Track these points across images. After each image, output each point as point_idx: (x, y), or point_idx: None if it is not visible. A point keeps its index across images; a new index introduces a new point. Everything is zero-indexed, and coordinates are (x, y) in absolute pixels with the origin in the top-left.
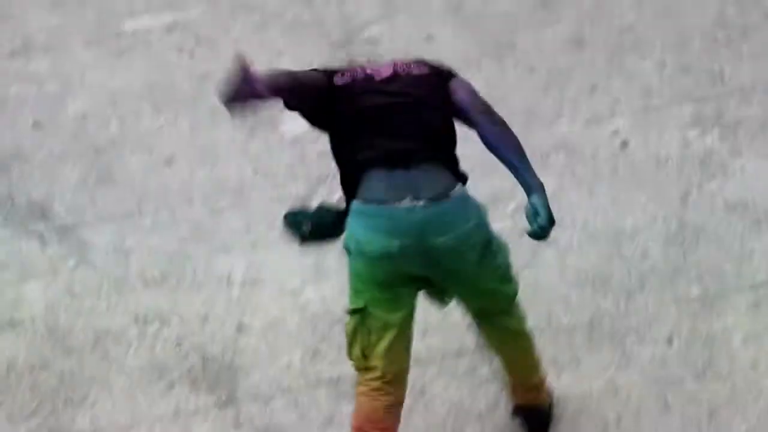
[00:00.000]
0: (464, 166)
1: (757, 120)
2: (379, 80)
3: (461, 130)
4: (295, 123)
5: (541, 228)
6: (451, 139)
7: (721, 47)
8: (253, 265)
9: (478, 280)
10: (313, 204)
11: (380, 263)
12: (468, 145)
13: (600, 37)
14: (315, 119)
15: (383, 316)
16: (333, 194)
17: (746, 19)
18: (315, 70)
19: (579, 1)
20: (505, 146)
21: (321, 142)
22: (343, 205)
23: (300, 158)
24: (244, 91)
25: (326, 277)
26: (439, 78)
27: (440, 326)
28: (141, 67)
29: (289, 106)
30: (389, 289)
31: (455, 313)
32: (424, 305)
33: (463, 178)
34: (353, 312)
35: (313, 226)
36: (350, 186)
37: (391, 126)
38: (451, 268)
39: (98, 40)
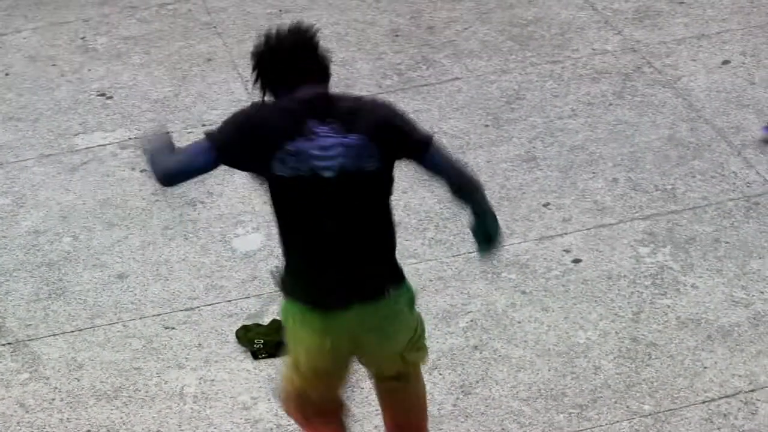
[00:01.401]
0: (418, 281)
1: (708, 237)
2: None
3: None
4: (247, 239)
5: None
6: (392, 237)
7: (673, 165)
8: (205, 381)
9: (399, 354)
10: (266, 320)
11: (313, 348)
12: (421, 265)
13: (551, 155)
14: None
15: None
16: None
17: (698, 138)
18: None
19: (530, 121)
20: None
21: (273, 259)
22: None
23: (252, 275)
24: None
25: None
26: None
27: None
28: (93, 183)
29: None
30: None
31: None
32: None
33: (398, 275)
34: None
35: (266, 342)
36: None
37: (335, 248)
38: (377, 352)
39: (51, 156)
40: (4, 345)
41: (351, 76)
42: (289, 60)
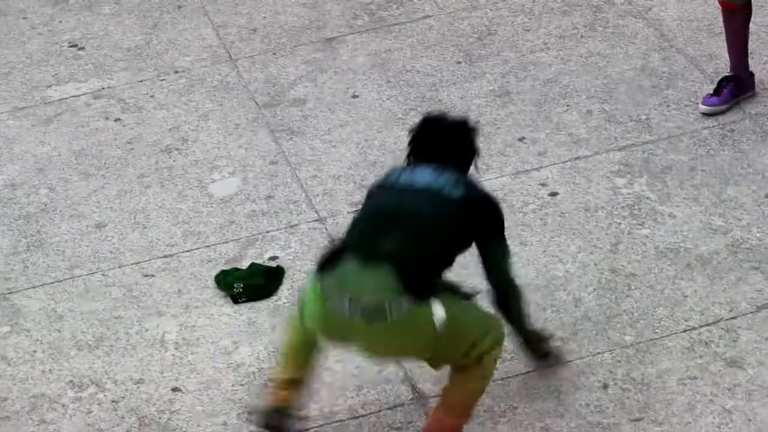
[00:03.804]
0: None
1: (684, 166)
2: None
3: None
4: (223, 184)
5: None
6: (442, 263)
7: (646, 95)
8: (186, 327)
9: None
10: (244, 264)
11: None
12: None
13: (525, 90)
14: None
15: None
16: (263, 254)
17: (671, 67)
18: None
19: (502, 56)
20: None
21: (250, 203)
22: (274, 264)
23: (229, 219)
24: None
25: (259, 336)
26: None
27: (375, 381)
28: (68, 134)
29: None
30: None
31: (390, 366)
32: (357, 362)
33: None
34: None
35: (245, 286)
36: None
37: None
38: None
39: (25, 108)
40: None
41: (322, 17)
42: (440, 147)
